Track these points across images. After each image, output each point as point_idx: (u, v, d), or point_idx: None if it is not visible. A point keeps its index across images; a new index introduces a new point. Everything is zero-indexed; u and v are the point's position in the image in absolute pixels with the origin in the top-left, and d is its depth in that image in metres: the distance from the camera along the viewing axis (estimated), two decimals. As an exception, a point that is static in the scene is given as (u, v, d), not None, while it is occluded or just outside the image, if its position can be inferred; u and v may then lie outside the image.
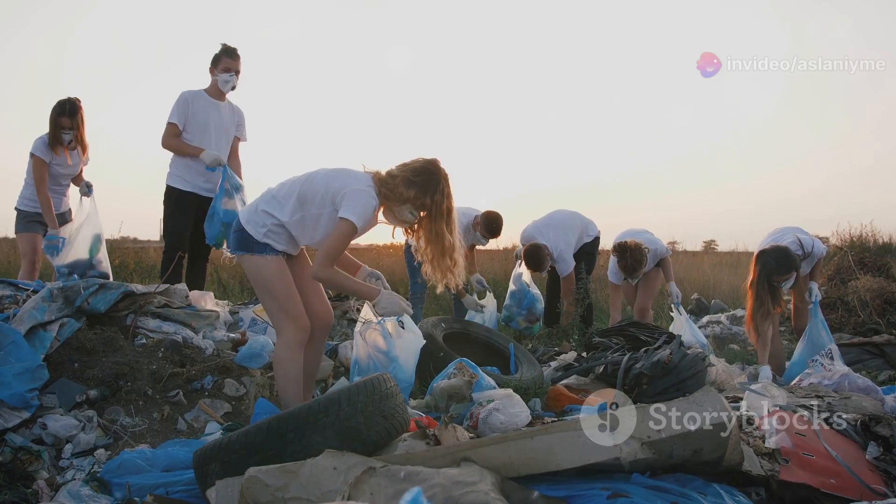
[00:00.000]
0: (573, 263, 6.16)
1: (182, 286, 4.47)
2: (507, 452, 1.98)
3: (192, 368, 3.61)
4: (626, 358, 4.19)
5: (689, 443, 2.04)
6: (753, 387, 3.03)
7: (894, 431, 2.60)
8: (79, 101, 4.98)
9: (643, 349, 4.34)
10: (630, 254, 5.39)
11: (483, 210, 6.13)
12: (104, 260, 5.15)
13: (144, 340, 3.76)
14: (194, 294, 4.55)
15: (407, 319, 3.27)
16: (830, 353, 4.29)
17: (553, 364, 4.74)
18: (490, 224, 6.00)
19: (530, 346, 5.76)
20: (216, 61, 5.02)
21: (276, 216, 3.12)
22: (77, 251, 4.98)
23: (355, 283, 3.21)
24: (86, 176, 5.24)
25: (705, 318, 7.35)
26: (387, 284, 3.58)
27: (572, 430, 2.00)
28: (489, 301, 6.66)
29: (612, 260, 5.67)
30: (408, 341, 3.23)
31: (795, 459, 2.37)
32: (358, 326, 3.47)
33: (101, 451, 3.04)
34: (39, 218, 5.03)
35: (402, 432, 2.38)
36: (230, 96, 5.19)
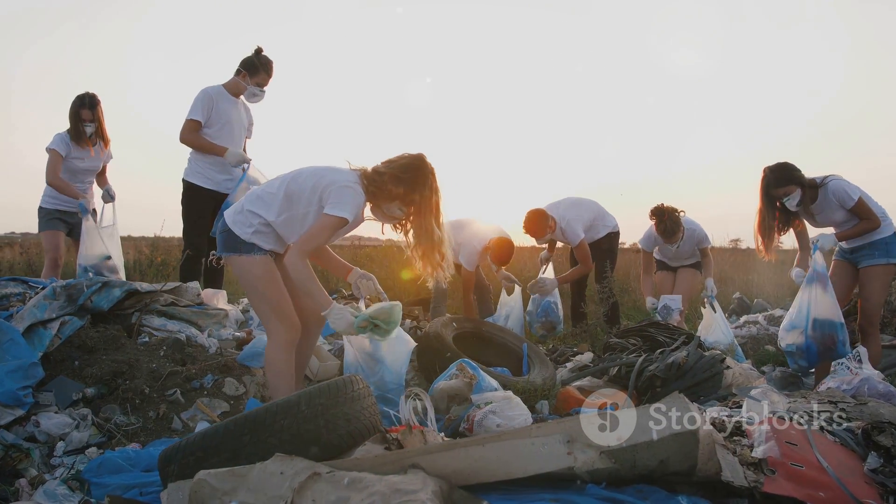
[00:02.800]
0: (582, 234, 5.93)
1: (194, 284, 4.50)
2: (458, 460, 1.90)
3: (192, 367, 3.62)
4: (640, 359, 4.06)
5: (653, 452, 1.93)
6: (753, 392, 2.87)
7: (897, 441, 2.42)
8: (96, 95, 5.08)
9: (659, 350, 4.21)
10: (668, 216, 5.27)
11: (494, 236, 5.94)
12: (121, 269, 5.15)
13: (147, 339, 3.79)
14: (207, 292, 4.58)
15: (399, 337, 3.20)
16: (859, 355, 4.07)
17: (569, 365, 4.63)
18: (499, 253, 5.83)
19: (551, 345, 5.64)
20: (252, 70, 5.02)
21: (263, 216, 3.10)
22: (100, 252, 5.01)
23: (317, 285, 3.07)
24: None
25: (743, 318, 7.09)
26: (379, 286, 3.53)
27: (525, 437, 1.91)
28: (515, 297, 6.55)
29: (648, 228, 5.52)
30: (395, 343, 3.16)
31: (783, 470, 2.22)
32: None
33: (92, 449, 3.06)
34: (60, 215, 5.12)
35: (368, 436, 2.32)
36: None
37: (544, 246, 6.57)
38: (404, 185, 3.07)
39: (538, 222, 5.89)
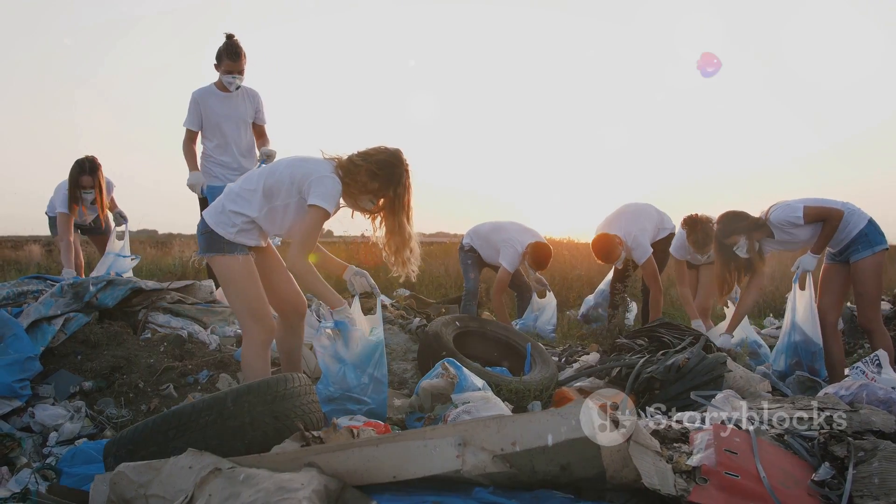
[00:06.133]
0: (650, 250, 5.75)
1: (208, 282, 4.65)
2: (352, 459, 1.91)
3: (188, 363, 3.75)
4: (641, 361, 3.96)
5: (549, 458, 1.88)
6: (716, 399, 2.76)
7: (851, 452, 2.27)
8: (96, 159, 5.10)
9: (662, 352, 4.09)
10: (700, 227, 5.15)
11: (533, 241, 5.81)
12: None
13: (150, 335, 3.94)
14: (221, 290, 4.71)
15: (347, 326, 3.21)
16: (877, 358, 3.85)
17: (576, 365, 4.55)
18: (537, 258, 5.75)
19: (567, 344, 5.55)
20: (219, 58, 4.97)
21: (246, 213, 3.15)
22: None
23: (325, 286, 3.21)
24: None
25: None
26: (372, 281, 3.55)
27: (419, 439, 1.90)
28: (550, 300, 6.49)
29: (679, 234, 5.37)
30: (356, 343, 3.19)
31: (716, 479, 2.12)
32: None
33: (83, 440, 3.22)
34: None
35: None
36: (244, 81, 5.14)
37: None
38: (379, 180, 3.11)
39: (607, 247, 5.71)
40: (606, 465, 1.94)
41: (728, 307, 5.26)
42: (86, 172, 5.03)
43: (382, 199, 3.19)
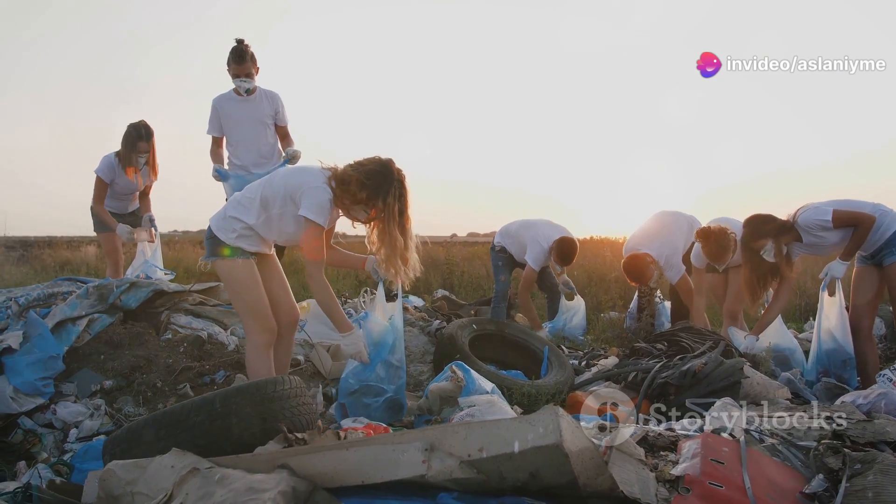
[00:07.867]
0: (683, 268, 5.66)
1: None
2: (322, 462, 1.94)
3: (206, 363, 3.84)
4: (658, 366, 3.91)
5: (516, 465, 1.87)
6: (713, 407, 2.70)
7: (847, 464, 2.20)
8: (150, 125, 5.17)
9: (679, 356, 4.02)
10: (714, 238, 5.04)
11: (559, 236, 5.80)
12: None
13: (171, 336, 4.06)
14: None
15: (364, 328, 3.28)
16: (905, 366, 3.71)
17: (594, 369, 4.50)
18: (562, 252, 5.73)
19: (591, 347, 5.49)
20: (228, 63, 4.96)
21: (244, 220, 3.25)
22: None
23: (338, 308, 3.27)
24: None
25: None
26: None
27: (388, 444, 1.91)
28: (578, 303, 6.44)
29: (697, 245, 5.28)
30: (371, 341, 3.27)
31: (699, 489, 2.09)
32: None
33: (102, 437, 3.33)
34: (113, 217, 5.33)
35: (288, 435, 2.39)
36: (262, 83, 5.14)
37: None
38: (367, 190, 3.13)
39: (640, 268, 5.60)
40: (577, 473, 1.91)
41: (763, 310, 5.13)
42: (142, 138, 5.10)
43: (374, 210, 3.20)
